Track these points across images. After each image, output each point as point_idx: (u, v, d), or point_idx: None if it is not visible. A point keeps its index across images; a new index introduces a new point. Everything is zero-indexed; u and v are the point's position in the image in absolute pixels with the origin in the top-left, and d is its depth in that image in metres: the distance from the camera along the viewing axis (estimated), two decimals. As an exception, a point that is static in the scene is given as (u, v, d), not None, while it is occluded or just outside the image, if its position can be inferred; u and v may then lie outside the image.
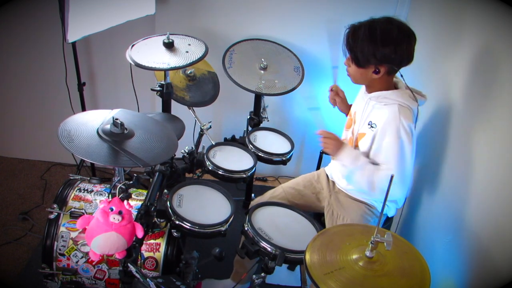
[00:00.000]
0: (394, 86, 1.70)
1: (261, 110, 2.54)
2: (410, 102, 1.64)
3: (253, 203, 2.06)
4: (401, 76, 1.66)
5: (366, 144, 1.70)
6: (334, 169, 1.96)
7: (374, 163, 1.69)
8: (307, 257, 1.25)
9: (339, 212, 1.86)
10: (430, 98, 1.70)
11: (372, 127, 1.67)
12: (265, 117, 2.55)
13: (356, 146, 1.76)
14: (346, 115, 1.98)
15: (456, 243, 1.62)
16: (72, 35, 2.07)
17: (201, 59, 2.05)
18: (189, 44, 2.14)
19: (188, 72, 2.43)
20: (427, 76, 1.94)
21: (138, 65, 1.96)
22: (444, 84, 1.92)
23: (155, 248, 1.79)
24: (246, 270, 2.07)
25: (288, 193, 2.01)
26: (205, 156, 2.01)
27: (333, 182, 1.97)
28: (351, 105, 1.98)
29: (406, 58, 1.59)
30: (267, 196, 2.05)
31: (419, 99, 1.67)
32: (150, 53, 2.03)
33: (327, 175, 2.02)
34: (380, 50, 1.55)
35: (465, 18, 1.82)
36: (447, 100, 1.84)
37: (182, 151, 2.07)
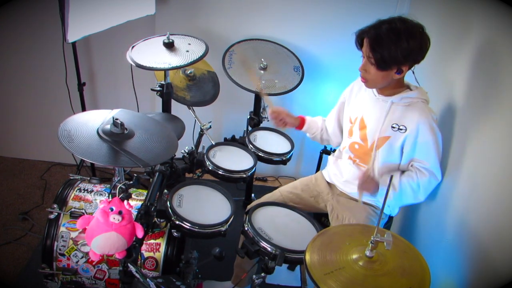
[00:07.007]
0: (407, 85, 1.71)
1: (261, 110, 2.54)
2: (426, 96, 1.68)
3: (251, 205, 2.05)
4: (413, 73, 1.67)
5: (393, 146, 1.70)
6: (333, 172, 1.95)
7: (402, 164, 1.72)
8: (307, 257, 1.25)
9: (344, 215, 1.86)
10: (430, 98, 1.70)
11: (400, 129, 1.66)
12: (265, 117, 2.55)
13: (376, 150, 1.73)
14: (297, 127, 2.04)
15: (456, 243, 1.62)
16: (72, 35, 2.07)
17: (201, 58, 2.05)
18: (189, 44, 2.14)
19: (188, 72, 2.43)
20: (427, 75, 1.94)
21: (138, 65, 1.96)
22: (444, 84, 1.92)
23: (155, 248, 1.79)
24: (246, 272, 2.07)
25: (286, 197, 1.99)
26: (205, 156, 2.00)
27: (334, 186, 1.96)
28: (300, 116, 2.04)
29: (426, 52, 1.59)
30: (264, 199, 2.03)
31: None
32: (150, 53, 2.03)
33: (325, 179, 2.02)
34: (407, 48, 1.53)
35: (466, 17, 1.82)
36: (448, 101, 1.84)
37: (182, 151, 2.06)
